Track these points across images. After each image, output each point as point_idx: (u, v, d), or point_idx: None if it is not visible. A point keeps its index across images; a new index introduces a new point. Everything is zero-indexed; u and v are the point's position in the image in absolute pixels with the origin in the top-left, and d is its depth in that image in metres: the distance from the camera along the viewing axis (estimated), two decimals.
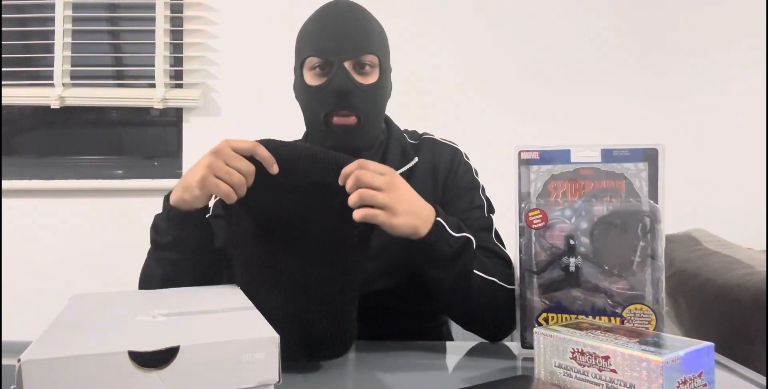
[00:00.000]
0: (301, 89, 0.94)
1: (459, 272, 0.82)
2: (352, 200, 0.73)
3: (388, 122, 1.05)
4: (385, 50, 0.96)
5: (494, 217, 1.02)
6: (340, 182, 0.75)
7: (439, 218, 0.80)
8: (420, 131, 1.09)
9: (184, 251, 0.82)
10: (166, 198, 0.82)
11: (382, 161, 0.98)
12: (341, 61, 0.88)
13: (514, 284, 0.86)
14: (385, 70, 0.94)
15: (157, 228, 0.83)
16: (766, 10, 2.03)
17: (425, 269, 0.83)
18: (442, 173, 1.00)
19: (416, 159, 0.99)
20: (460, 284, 0.83)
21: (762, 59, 2.07)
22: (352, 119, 0.91)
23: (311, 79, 0.92)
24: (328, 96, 0.89)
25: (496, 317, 0.87)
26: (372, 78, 0.92)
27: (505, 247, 0.96)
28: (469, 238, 0.83)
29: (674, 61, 2.09)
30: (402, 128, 1.07)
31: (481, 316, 0.88)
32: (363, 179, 0.73)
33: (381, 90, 0.94)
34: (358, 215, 0.73)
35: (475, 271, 0.84)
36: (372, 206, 0.74)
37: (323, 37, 0.90)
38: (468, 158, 1.05)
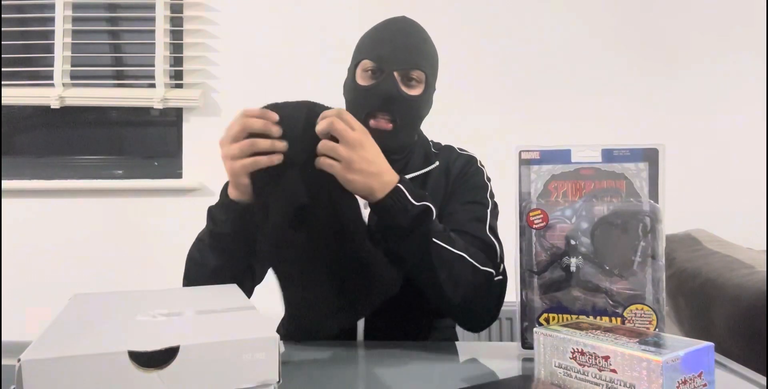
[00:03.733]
0: (351, 87, 1.02)
1: (419, 242, 0.84)
2: (318, 147, 0.79)
3: (419, 132, 1.12)
4: (434, 70, 1.04)
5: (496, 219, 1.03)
6: (317, 128, 0.79)
7: (399, 185, 0.83)
8: (443, 143, 1.16)
9: (241, 241, 0.87)
10: (225, 192, 0.87)
11: (407, 163, 1.06)
12: (391, 70, 0.97)
13: (493, 271, 0.90)
14: (429, 87, 1.02)
15: (215, 219, 0.88)
16: (766, 12, 2.03)
17: (385, 238, 0.86)
18: (453, 173, 1.06)
19: (437, 163, 1.06)
20: (421, 254, 0.84)
21: (762, 60, 2.07)
22: (388, 124, 0.98)
23: (361, 79, 1.00)
24: (373, 97, 0.97)
25: (470, 297, 0.88)
26: (416, 91, 0.99)
27: (499, 242, 0.98)
28: (428, 206, 0.84)
29: (675, 62, 2.09)
30: (428, 138, 1.14)
31: (453, 294, 0.87)
32: (334, 126, 0.78)
33: (421, 103, 1.01)
34: (318, 162, 0.79)
35: (440, 242, 0.85)
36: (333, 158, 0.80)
37: (382, 45, 0.99)
38: (483, 166, 1.10)
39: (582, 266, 0.81)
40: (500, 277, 0.92)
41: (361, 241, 0.83)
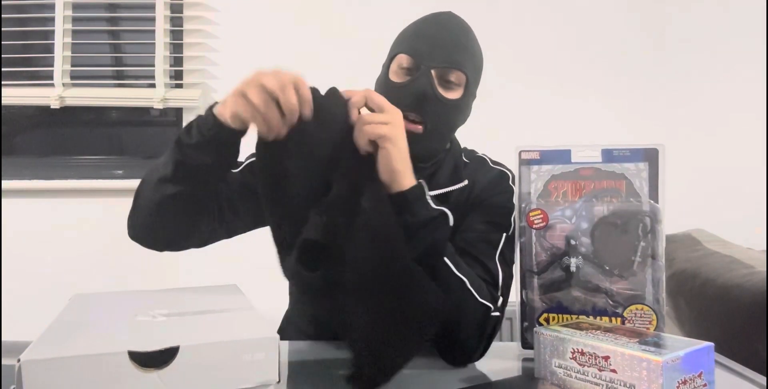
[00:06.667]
0: (382, 84, 0.94)
1: (428, 248, 0.76)
2: (361, 117, 0.75)
3: (452, 139, 1.02)
4: (476, 74, 0.94)
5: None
6: (355, 99, 0.75)
7: (422, 181, 0.78)
8: (479, 152, 1.06)
9: (207, 156, 0.76)
10: (210, 108, 0.76)
11: (433, 175, 0.95)
12: (429, 67, 0.88)
13: (491, 305, 0.80)
14: (469, 92, 0.93)
15: (188, 130, 0.77)
16: (766, 13, 2.03)
17: None
18: (478, 188, 0.96)
19: (465, 182, 0.95)
20: (427, 264, 0.75)
21: (762, 60, 2.07)
22: (418, 127, 0.88)
23: (395, 75, 0.92)
24: (405, 95, 0.87)
25: (457, 328, 0.78)
26: (454, 94, 0.90)
27: (506, 272, 0.87)
28: (444, 212, 0.78)
29: (675, 61, 2.09)
30: (462, 146, 1.05)
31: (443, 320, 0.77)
32: (373, 96, 0.76)
33: (458, 109, 0.92)
34: (364, 130, 0.74)
35: (447, 260, 0.78)
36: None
37: (421, 40, 0.90)
38: (515, 184, 0.95)
39: (582, 266, 0.81)
40: (496, 313, 0.81)
41: (403, 253, 0.73)
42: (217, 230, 0.88)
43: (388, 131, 0.74)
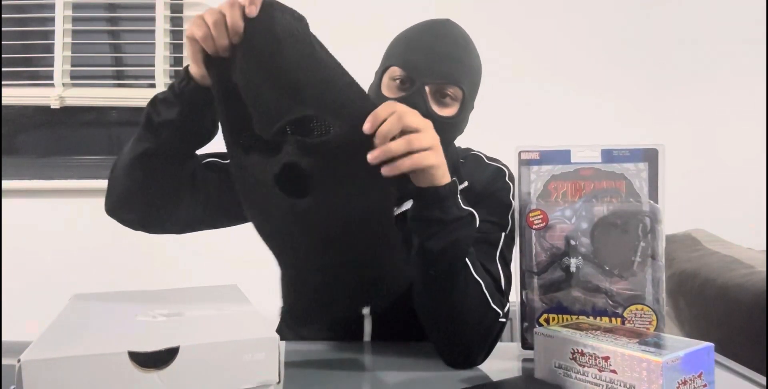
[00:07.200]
0: (374, 96, 0.89)
1: (451, 245, 0.74)
2: (397, 145, 0.66)
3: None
4: (473, 88, 0.91)
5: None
6: (368, 128, 0.65)
7: (455, 179, 0.74)
8: (474, 149, 1.04)
9: (175, 110, 0.76)
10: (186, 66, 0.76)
11: None
12: (423, 83, 0.84)
13: (501, 311, 0.80)
14: (466, 107, 0.89)
15: (162, 93, 0.78)
16: (766, 14, 2.03)
17: (420, 232, 0.75)
18: (477, 188, 0.94)
19: (466, 183, 0.92)
20: (448, 262, 0.75)
21: (762, 59, 2.07)
22: None
23: (387, 89, 0.88)
24: None
25: (467, 331, 0.77)
26: (449, 111, 0.87)
27: (506, 274, 0.87)
28: (473, 213, 0.76)
29: (674, 61, 2.09)
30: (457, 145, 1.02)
31: (453, 322, 0.78)
32: (405, 120, 0.66)
33: (454, 126, 0.89)
34: (404, 165, 0.66)
35: (468, 261, 0.76)
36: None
37: (416, 52, 0.86)
38: (511, 180, 0.95)
39: (582, 266, 0.81)
40: (503, 319, 0.81)
41: (390, 225, 0.72)
42: (198, 215, 0.87)
43: (435, 159, 0.69)
